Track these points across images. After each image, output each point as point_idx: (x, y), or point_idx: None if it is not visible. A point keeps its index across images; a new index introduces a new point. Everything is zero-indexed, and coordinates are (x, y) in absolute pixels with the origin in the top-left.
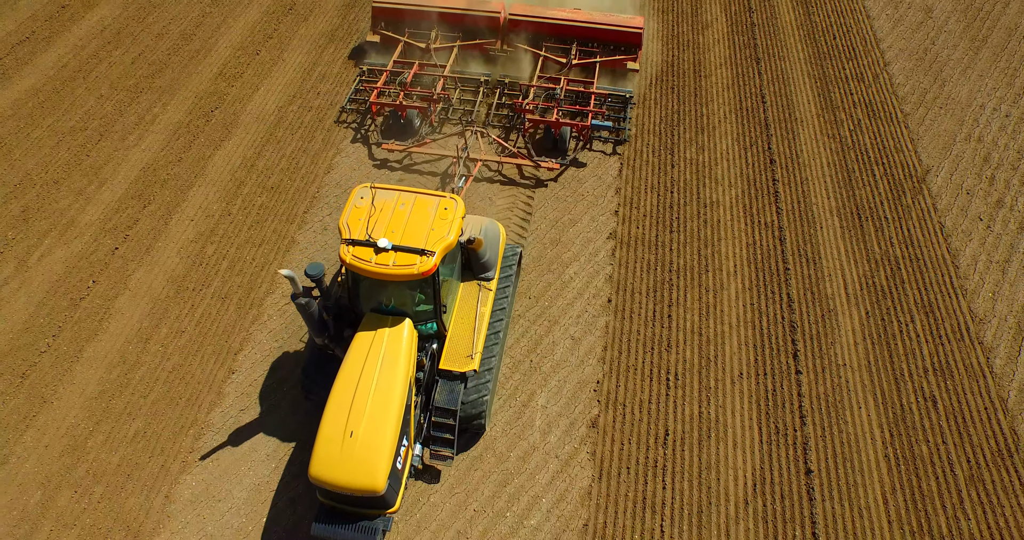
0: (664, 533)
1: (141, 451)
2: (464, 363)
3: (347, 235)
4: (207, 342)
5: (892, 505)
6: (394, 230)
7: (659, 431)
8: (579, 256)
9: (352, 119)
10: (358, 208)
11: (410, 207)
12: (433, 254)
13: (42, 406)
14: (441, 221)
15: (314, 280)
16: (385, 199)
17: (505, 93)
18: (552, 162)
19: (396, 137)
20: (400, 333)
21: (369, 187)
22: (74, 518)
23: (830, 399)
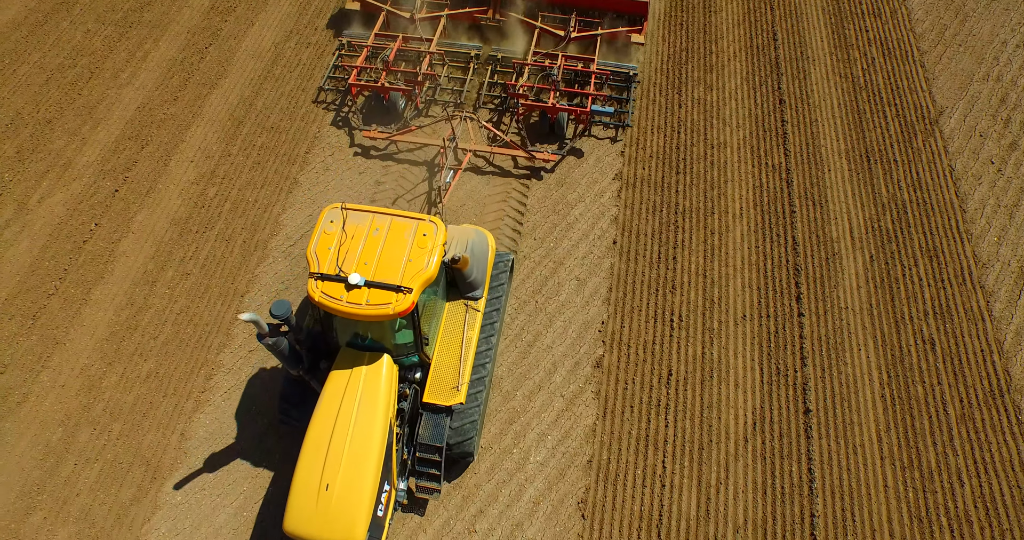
0: (666, 469)
1: (154, 391)
2: (450, 396)
3: (315, 268)
4: (213, 284)
5: (885, 442)
6: (367, 262)
7: (662, 371)
8: (584, 197)
9: (331, 99)
10: (327, 234)
11: (385, 232)
12: (410, 291)
13: (55, 347)
14: (419, 250)
15: (280, 319)
16: (357, 223)
17: (497, 70)
18: (548, 153)
19: (378, 120)
20: (378, 371)
21: (340, 208)
22: (96, 453)
23: (831, 341)
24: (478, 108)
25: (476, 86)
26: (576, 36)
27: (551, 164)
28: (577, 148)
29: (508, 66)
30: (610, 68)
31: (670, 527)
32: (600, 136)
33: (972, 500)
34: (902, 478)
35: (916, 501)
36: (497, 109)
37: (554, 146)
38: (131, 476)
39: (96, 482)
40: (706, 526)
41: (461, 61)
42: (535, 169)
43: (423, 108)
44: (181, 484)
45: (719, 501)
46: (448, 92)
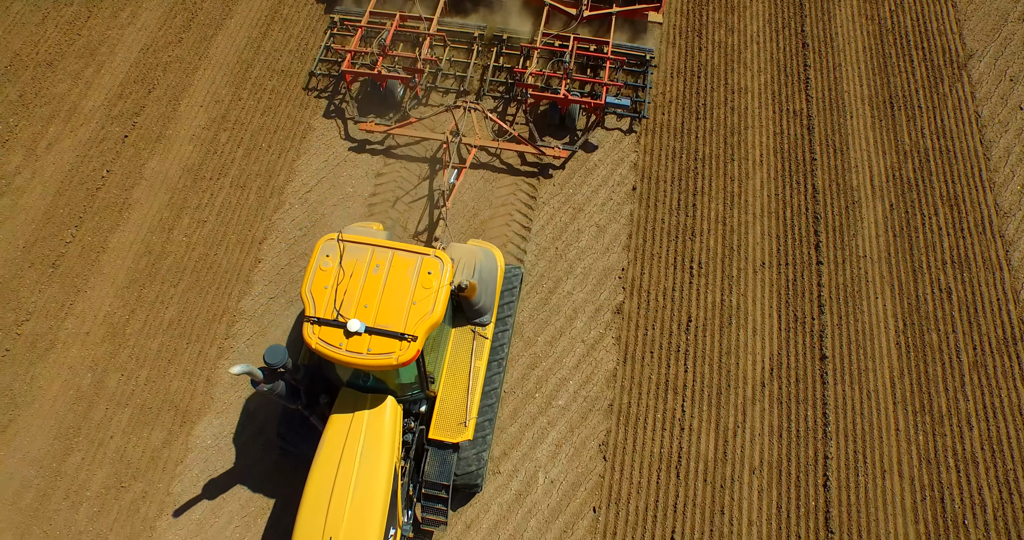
0: (685, 413)
1: (178, 338)
2: (456, 432)
3: (312, 311)
4: (230, 232)
5: (899, 388)
6: (367, 304)
7: (682, 317)
8: (603, 142)
9: (323, 85)
10: (323, 271)
11: (386, 270)
12: (415, 339)
13: (76, 295)
14: (424, 291)
15: (276, 368)
16: (356, 258)
17: (503, 52)
18: (558, 148)
19: (375, 110)
20: (382, 416)
21: (336, 239)
22: (125, 398)
23: (848, 289)
24: (482, 95)
25: (480, 70)
26: (589, 15)
27: (561, 161)
28: (590, 142)
29: (514, 48)
30: (625, 51)
31: (688, 468)
32: (610, 127)
33: (979, 443)
34: (913, 422)
35: (926, 444)
36: (503, 97)
37: (565, 139)
38: (161, 420)
39: (128, 425)
40: (723, 467)
41: (463, 42)
42: (543, 165)
43: (423, 96)
44: (210, 429)
45: (736, 443)
46: (450, 78)
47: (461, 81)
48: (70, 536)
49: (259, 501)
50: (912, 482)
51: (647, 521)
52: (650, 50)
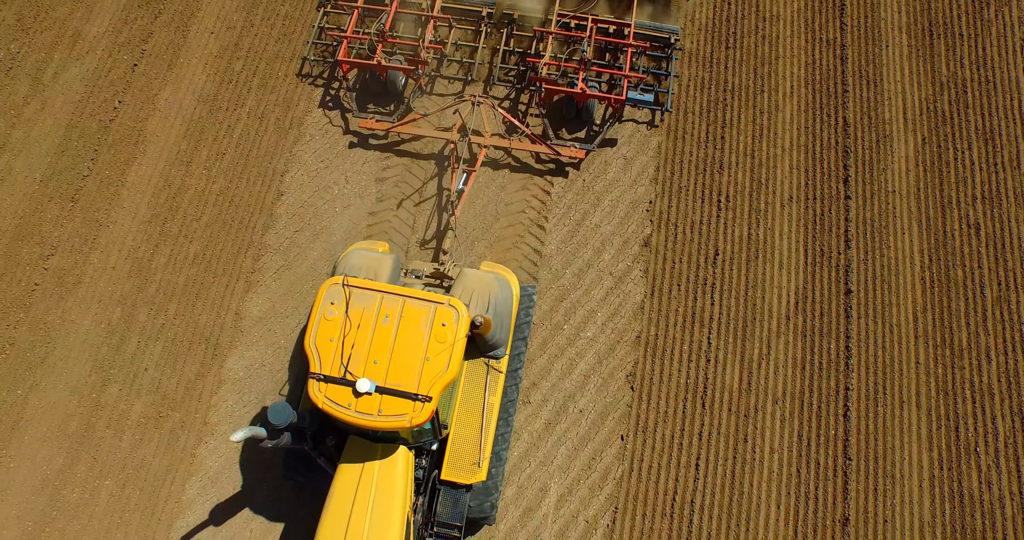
0: (711, 345)
1: (204, 272)
2: (470, 473)
3: (317, 367)
4: (250, 164)
5: (921, 322)
6: (377, 360)
7: (709, 251)
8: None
9: (318, 71)
10: (329, 321)
11: (397, 320)
12: (429, 399)
13: (99, 230)
14: (438, 345)
15: (281, 428)
16: (363, 307)
17: (513, 34)
18: (574, 147)
19: (375, 101)
20: (393, 465)
21: (342, 284)
22: (156, 332)
23: (876, 224)
24: (491, 83)
25: (489, 54)
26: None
27: (578, 161)
28: (609, 138)
29: (525, 29)
30: (647, 31)
31: (714, 398)
32: (637, 120)
33: (997, 376)
34: (933, 355)
35: (944, 376)
36: (515, 86)
37: (581, 132)
38: (193, 353)
39: (161, 358)
40: (747, 397)
41: (470, 23)
42: (560, 163)
43: (427, 86)
44: (241, 361)
45: (760, 375)
46: (456, 63)
47: (468, 68)
48: (116, 462)
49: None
50: (929, 412)
51: (673, 449)
52: (675, 31)
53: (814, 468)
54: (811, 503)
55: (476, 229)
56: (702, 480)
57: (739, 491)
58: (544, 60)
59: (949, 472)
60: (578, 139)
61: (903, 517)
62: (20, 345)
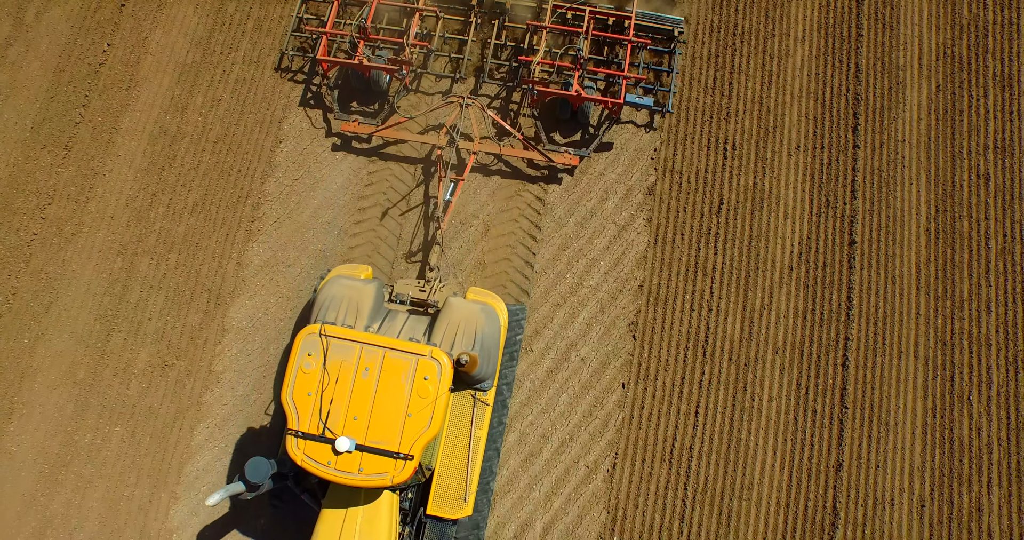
0: (713, 295)
1: (204, 221)
2: (456, 507)
3: (295, 423)
4: (247, 111)
5: (924, 274)
6: (357, 416)
7: (714, 200)
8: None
9: (298, 66)
10: (306, 374)
11: (377, 374)
12: (412, 458)
13: (95, 179)
14: (420, 401)
15: (257, 487)
16: (342, 358)
17: (505, 26)
18: (570, 155)
19: (359, 99)
20: (378, 510)
21: (319, 334)
22: (158, 281)
23: (883, 175)
24: (482, 81)
25: (479, 47)
26: None
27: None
28: (606, 142)
29: (517, 21)
30: (648, 23)
31: (715, 347)
32: (636, 122)
33: (995, 327)
34: (934, 306)
35: (943, 327)
36: (506, 84)
37: (577, 135)
38: (195, 303)
39: (164, 308)
40: (748, 347)
41: (459, 13)
42: (553, 169)
43: (413, 84)
44: (244, 310)
45: (761, 325)
46: (444, 58)
47: (457, 64)
48: (125, 409)
49: None
50: (926, 362)
51: (673, 397)
52: (679, 22)
53: (811, 416)
54: (806, 449)
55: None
56: (701, 427)
57: (737, 438)
58: (537, 59)
59: (941, 420)
60: (573, 143)
61: (894, 462)
62: (23, 295)
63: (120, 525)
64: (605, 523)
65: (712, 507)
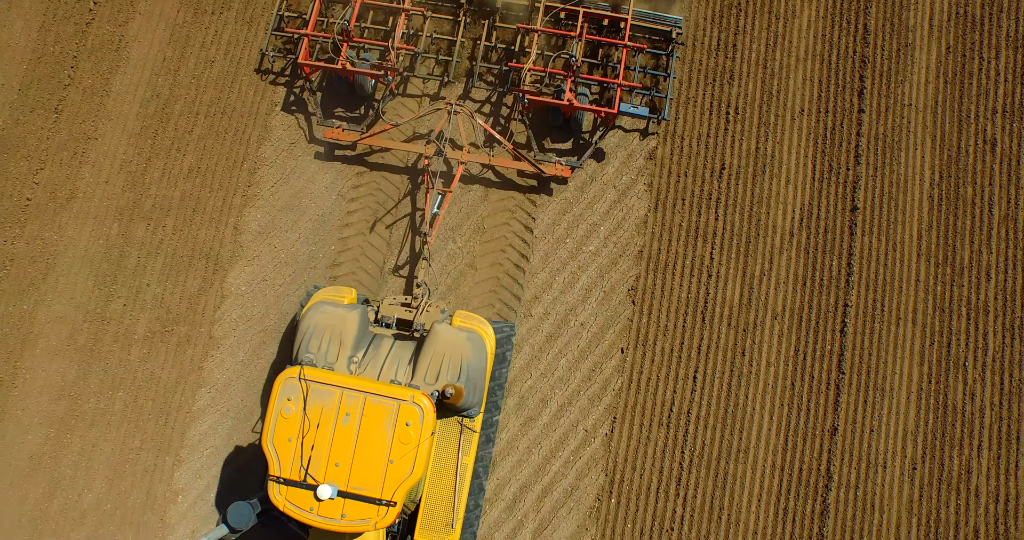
0: (713, 260)
1: (200, 186)
2: (443, 534)
3: (276, 470)
4: (241, 72)
5: (925, 240)
6: (339, 462)
7: (715, 165)
8: None
9: (280, 67)
10: (286, 419)
11: (358, 419)
12: (394, 504)
13: (88, 143)
14: (402, 446)
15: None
16: (322, 404)
17: (495, 26)
18: (562, 166)
19: (343, 104)
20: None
21: (298, 378)
22: (155, 247)
23: (887, 140)
24: (471, 84)
25: (468, 48)
26: None
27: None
28: (600, 149)
29: (509, 20)
30: (645, 23)
31: (714, 313)
32: (627, 127)
33: (994, 294)
34: (934, 273)
35: (942, 293)
36: (496, 89)
37: (569, 142)
38: (194, 268)
39: (162, 273)
40: (747, 312)
41: (447, 12)
42: (544, 179)
43: (399, 88)
44: (243, 276)
45: (761, 290)
46: (432, 61)
47: (445, 66)
48: (127, 374)
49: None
50: (924, 329)
51: (672, 362)
52: (677, 22)
53: (808, 381)
54: (803, 414)
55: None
56: (699, 392)
57: (734, 403)
58: (527, 65)
59: (936, 385)
60: (566, 150)
61: (888, 427)
62: (20, 260)
63: (127, 487)
64: (603, 486)
65: (709, 470)
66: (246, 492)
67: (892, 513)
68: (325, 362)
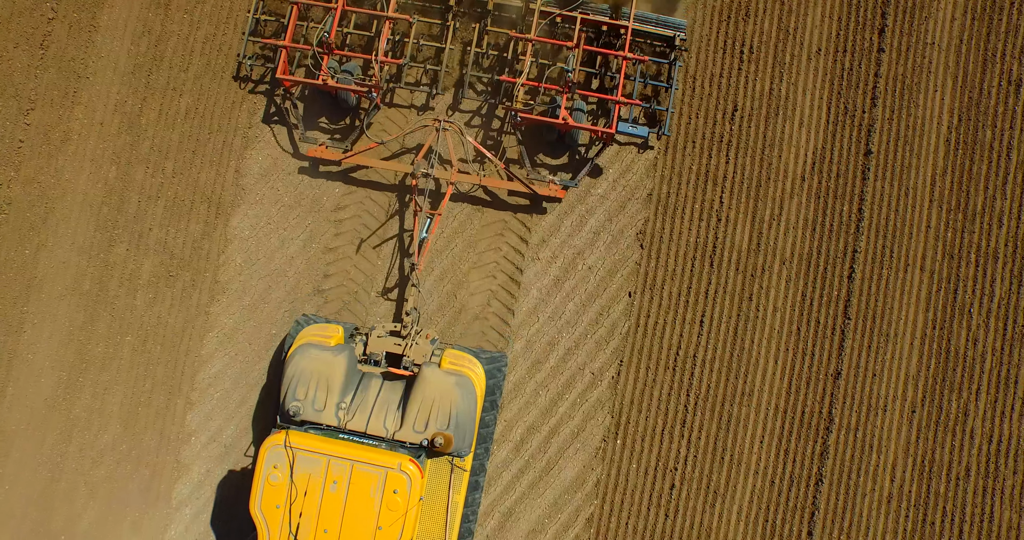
0: (723, 204)
1: (198, 128)
2: None
3: (265, 536)
4: (236, 7)
5: (938, 186)
6: (327, 529)
7: (727, 106)
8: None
9: (258, 74)
10: (273, 487)
11: (345, 487)
12: None
13: (79, 82)
14: (390, 514)
15: None
16: (309, 472)
17: (487, 30)
18: (556, 186)
19: (327, 116)
20: None
21: (284, 447)
22: (156, 191)
23: (907, 81)
24: (462, 95)
25: (458, 55)
26: None
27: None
28: (597, 165)
29: (502, 23)
30: (646, 29)
31: (722, 257)
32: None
33: (1004, 240)
34: (945, 219)
35: (953, 240)
36: (488, 100)
37: (564, 157)
38: (196, 212)
39: (164, 218)
40: (756, 257)
41: (435, 15)
42: (537, 197)
43: (385, 97)
44: (246, 220)
45: (770, 235)
46: (419, 70)
47: (434, 75)
48: (134, 319)
49: (305, 286)
50: (932, 275)
51: (679, 306)
52: (682, 27)
53: (814, 326)
54: (807, 359)
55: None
56: (705, 336)
57: (740, 347)
58: (520, 80)
59: (940, 331)
60: (559, 166)
61: (890, 371)
62: (18, 205)
63: (140, 429)
64: (609, 427)
65: (713, 413)
66: (259, 434)
67: (889, 454)
68: (313, 409)
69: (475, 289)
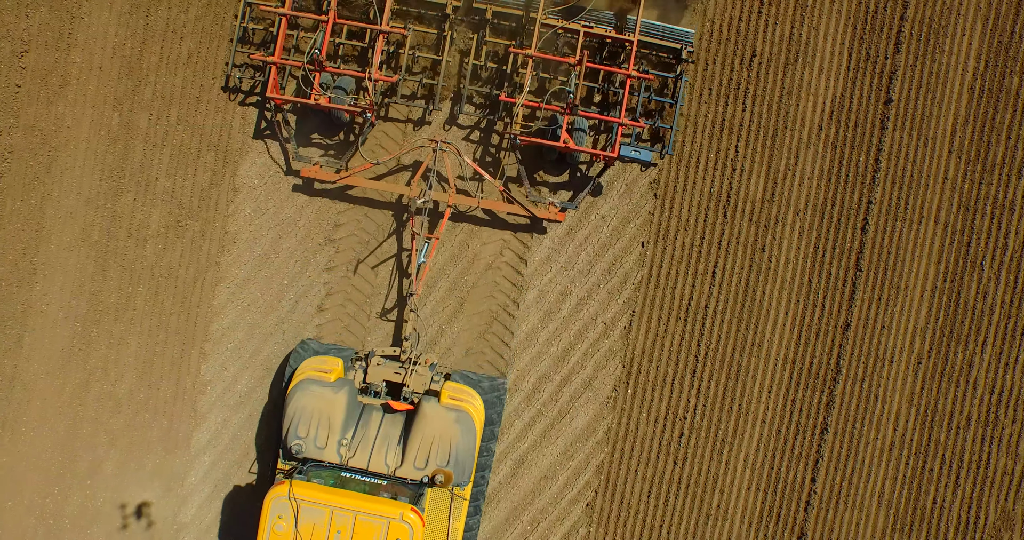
0: (738, 153)
1: (201, 72)
2: None
3: None
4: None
5: (958, 135)
6: None
7: (745, 52)
8: None
9: (249, 86)
10: (278, 536)
11: (349, 537)
12: None
13: (73, 22)
14: None
15: None
16: (313, 522)
17: (486, 41)
18: (555, 208)
19: (320, 131)
20: None
21: (288, 497)
22: (160, 138)
23: (933, 24)
24: (459, 110)
25: (456, 67)
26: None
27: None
28: (599, 183)
29: (501, 34)
30: (652, 40)
31: (736, 208)
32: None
33: (1022, 192)
34: (963, 171)
35: (969, 191)
36: (487, 115)
37: (564, 175)
38: (203, 160)
39: (170, 166)
40: (770, 208)
41: (432, 24)
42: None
43: (380, 112)
44: (254, 168)
45: (785, 186)
46: (414, 84)
47: (430, 89)
48: (144, 269)
49: (316, 236)
50: (946, 227)
51: (692, 256)
52: (688, 37)
53: (825, 278)
54: (817, 310)
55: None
56: (717, 287)
57: (751, 298)
58: (520, 100)
59: (951, 284)
60: (560, 185)
61: (899, 323)
62: (20, 153)
63: (156, 378)
64: (620, 377)
65: (723, 363)
66: (274, 382)
67: (893, 404)
68: (315, 447)
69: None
